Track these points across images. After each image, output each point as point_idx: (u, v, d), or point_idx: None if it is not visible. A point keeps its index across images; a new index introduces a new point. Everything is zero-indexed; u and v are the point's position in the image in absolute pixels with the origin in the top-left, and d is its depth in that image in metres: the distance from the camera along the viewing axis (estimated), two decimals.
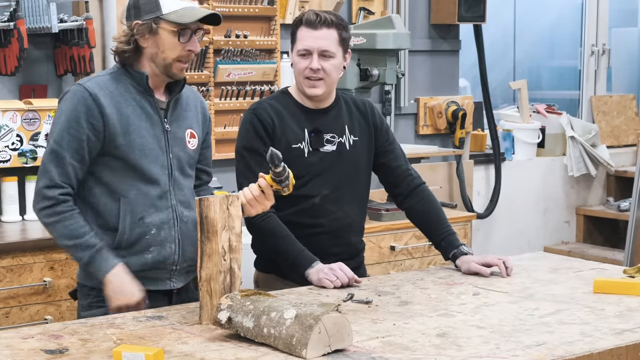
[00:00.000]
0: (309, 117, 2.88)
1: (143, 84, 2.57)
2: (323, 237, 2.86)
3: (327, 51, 2.79)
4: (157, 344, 2.12)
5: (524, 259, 3.16)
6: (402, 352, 2.07)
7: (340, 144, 2.90)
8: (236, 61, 4.41)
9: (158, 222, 2.56)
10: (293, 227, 2.80)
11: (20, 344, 2.13)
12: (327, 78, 2.82)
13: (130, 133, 2.52)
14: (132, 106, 2.55)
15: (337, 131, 2.90)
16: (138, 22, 2.54)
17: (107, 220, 2.53)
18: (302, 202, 2.84)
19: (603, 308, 2.46)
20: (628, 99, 6.26)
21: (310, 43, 2.78)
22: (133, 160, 2.52)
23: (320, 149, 2.86)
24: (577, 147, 5.75)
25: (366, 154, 2.95)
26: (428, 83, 5.16)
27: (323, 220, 2.86)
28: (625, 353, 2.14)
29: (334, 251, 2.87)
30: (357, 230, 2.97)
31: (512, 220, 5.58)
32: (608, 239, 5.94)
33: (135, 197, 2.53)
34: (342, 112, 2.93)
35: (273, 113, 2.84)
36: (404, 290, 2.67)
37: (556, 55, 6.88)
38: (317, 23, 2.78)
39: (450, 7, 5.02)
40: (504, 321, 2.33)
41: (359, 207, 2.97)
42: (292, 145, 2.83)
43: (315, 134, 2.86)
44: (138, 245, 2.55)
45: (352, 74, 4.44)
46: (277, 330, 2.05)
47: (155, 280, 2.60)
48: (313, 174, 2.85)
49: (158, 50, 2.55)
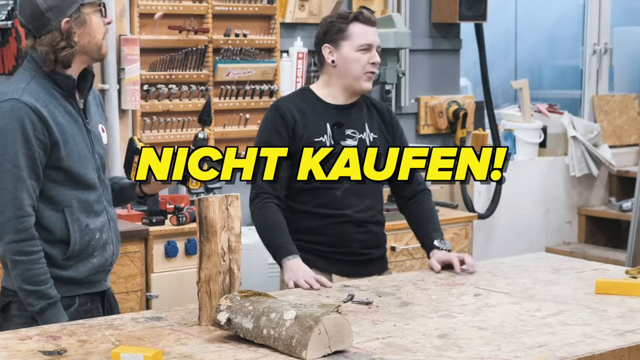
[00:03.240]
0: (331, 112, 3.00)
1: (69, 88, 2.48)
2: (347, 225, 2.98)
3: (379, 46, 3.02)
4: (156, 345, 2.12)
5: (526, 259, 3.15)
6: (402, 353, 2.06)
7: (361, 140, 3.01)
8: (235, 60, 4.40)
9: (99, 226, 2.54)
10: (316, 218, 2.95)
11: (18, 345, 2.12)
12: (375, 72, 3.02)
13: (68, 141, 2.45)
14: (61, 113, 2.46)
15: (358, 127, 3.02)
16: (67, 19, 2.44)
17: (54, 233, 2.46)
18: (324, 194, 2.96)
19: (605, 309, 2.45)
20: (630, 98, 6.24)
21: (373, 37, 2.97)
22: (75, 169, 2.47)
23: (341, 142, 2.97)
24: (579, 147, 5.73)
25: (384, 152, 3.04)
26: (429, 82, 5.15)
27: (347, 211, 2.98)
28: (628, 354, 2.13)
29: (358, 237, 3.00)
30: (380, 222, 3.09)
31: (514, 220, 5.57)
32: (610, 240, 5.92)
33: (77, 205, 2.48)
34: (362, 110, 3.06)
35: (295, 109, 2.96)
36: (405, 291, 2.66)
37: (558, 55, 6.87)
38: (372, 21, 2.99)
39: (451, 6, 5.01)
40: (506, 322, 2.32)
41: (378, 200, 3.09)
42: (314, 139, 2.94)
43: (337, 127, 2.97)
44: (85, 252, 2.51)
45: None
46: (277, 331, 2.04)
47: (96, 283, 2.58)
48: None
49: (90, 38, 2.47)
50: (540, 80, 6.87)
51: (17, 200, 2.39)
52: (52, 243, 2.46)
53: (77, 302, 2.52)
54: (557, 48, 6.89)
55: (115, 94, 4.12)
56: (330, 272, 3.00)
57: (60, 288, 2.46)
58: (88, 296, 2.55)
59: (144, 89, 4.23)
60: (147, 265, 3.81)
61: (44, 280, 2.41)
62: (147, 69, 4.23)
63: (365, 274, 2.98)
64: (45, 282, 2.41)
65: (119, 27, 4.12)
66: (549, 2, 6.83)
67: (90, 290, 2.56)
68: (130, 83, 4.11)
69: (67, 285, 2.49)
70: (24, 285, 2.41)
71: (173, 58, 4.27)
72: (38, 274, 2.41)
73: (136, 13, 4.18)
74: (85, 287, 2.53)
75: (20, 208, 2.39)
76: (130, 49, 4.11)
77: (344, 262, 3.00)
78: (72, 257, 2.49)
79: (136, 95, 4.13)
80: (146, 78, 4.21)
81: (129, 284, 3.75)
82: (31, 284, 2.41)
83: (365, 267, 3.03)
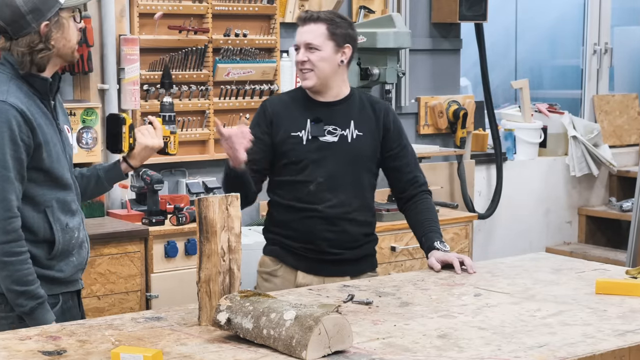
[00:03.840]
0: (314, 108, 3.04)
1: (45, 90, 2.51)
2: (317, 221, 2.98)
3: (310, 44, 2.98)
4: (156, 345, 2.11)
5: (526, 259, 3.14)
6: (402, 353, 2.06)
7: (342, 137, 3.02)
8: (235, 60, 4.39)
9: (77, 224, 2.58)
10: (291, 211, 2.99)
11: (18, 345, 2.12)
12: (316, 70, 2.99)
13: (48, 143, 2.48)
14: (39, 114, 2.49)
15: (340, 124, 3.03)
16: (47, 22, 2.46)
17: (37, 234, 2.49)
18: (299, 187, 2.99)
19: (605, 309, 2.45)
20: (630, 98, 6.24)
21: (298, 38, 3.02)
22: (54, 170, 2.50)
23: (320, 138, 3.00)
24: (579, 146, 5.73)
25: (370, 151, 3.04)
26: (429, 82, 5.15)
27: (318, 206, 2.98)
28: (628, 354, 2.13)
29: (327, 236, 2.98)
30: (359, 222, 3.04)
31: (514, 220, 5.57)
32: (610, 240, 5.92)
33: (57, 205, 2.52)
34: (351, 108, 3.06)
35: (280, 104, 3.07)
36: (405, 291, 2.66)
37: (558, 54, 6.86)
38: (305, 19, 3.00)
39: (451, 5, 5.00)
40: (506, 322, 2.32)
41: (358, 199, 3.04)
42: (292, 133, 3.00)
43: (315, 123, 3.00)
44: (66, 251, 2.55)
45: (352, 73, 4.42)
46: (277, 331, 2.04)
47: (75, 282, 2.62)
48: (309, 160, 2.98)
49: (65, 42, 2.50)
50: (541, 80, 6.87)
51: (6, 201, 2.41)
52: (35, 243, 2.48)
53: (60, 300, 2.55)
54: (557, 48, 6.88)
55: (115, 94, 4.12)
56: (296, 269, 3.01)
57: (45, 287, 2.49)
58: (69, 294, 2.59)
59: (144, 89, 4.22)
60: (147, 266, 3.81)
61: (32, 280, 2.43)
62: (147, 68, 4.23)
63: (334, 274, 2.97)
64: (34, 282, 2.44)
65: (119, 27, 4.12)
66: (549, 2, 6.83)
67: (70, 288, 2.60)
68: (130, 83, 4.11)
69: (52, 285, 2.53)
70: (13, 287, 2.42)
71: (173, 58, 4.27)
72: (27, 274, 2.43)
73: (136, 13, 4.18)
74: (67, 285, 2.57)
75: (9, 209, 2.41)
76: (130, 48, 4.10)
77: (310, 259, 2.99)
78: (56, 256, 2.52)
79: (136, 95, 4.13)
80: (146, 78, 4.21)
81: (128, 284, 3.75)
82: (20, 284, 2.42)
83: (334, 267, 2.99)
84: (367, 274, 3.06)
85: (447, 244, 3.02)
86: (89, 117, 4.00)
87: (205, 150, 4.41)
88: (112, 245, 3.71)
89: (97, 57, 4.06)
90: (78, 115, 3.96)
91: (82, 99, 4.08)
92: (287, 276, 3.01)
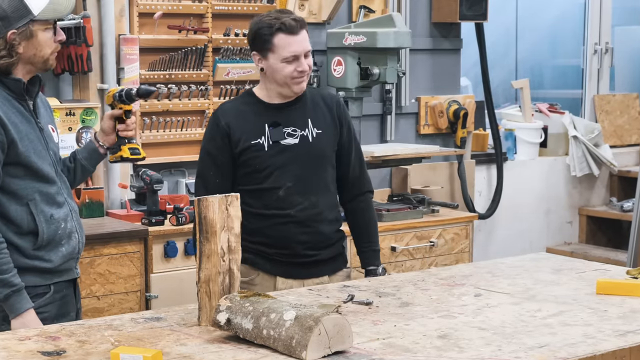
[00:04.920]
0: (270, 112, 2.98)
1: (19, 91, 2.60)
2: (291, 226, 2.95)
3: (309, 51, 2.94)
4: (156, 345, 2.11)
5: (526, 259, 3.14)
6: (403, 353, 2.06)
7: (303, 137, 2.98)
8: (235, 60, 4.39)
9: (63, 216, 2.64)
10: (262, 219, 2.94)
11: (17, 345, 2.12)
12: (308, 72, 2.96)
13: (23, 139, 2.56)
14: (14, 113, 2.58)
15: (298, 125, 2.98)
16: (13, 31, 2.54)
17: (21, 226, 2.57)
18: (267, 194, 2.94)
19: (606, 309, 2.44)
20: (631, 98, 6.23)
21: (297, 48, 2.90)
22: (33, 164, 2.58)
23: (281, 141, 2.95)
24: (580, 146, 5.72)
25: (331, 147, 3.03)
26: (429, 82, 5.14)
27: (290, 211, 2.95)
28: (629, 355, 2.12)
29: (302, 239, 2.96)
30: (330, 221, 3.03)
31: (514, 220, 5.56)
32: (611, 240, 5.91)
33: (40, 198, 2.59)
34: (305, 106, 3.02)
35: (232, 114, 2.97)
36: (405, 291, 2.65)
37: (559, 54, 6.86)
38: (297, 28, 2.89)
39: (451, 5, 5.00)
40: (506, 322, 2.31)
41: (328, 197, 3.03)
42: (252, 141, 2.94)
43: (273, 127, 2.95)
44: (54, 242, 2.62)
45: (352, 73, 4.42)
46: (277, 331, 2.03)
47: (68, 271, 2.69)
48: (275, 166, 2.94)
49: (36, 51, 2.58)
50: (541, 79, 6.87)
51: None
52: (20, 235, 2.57)
53: (52, 290, 2.62)
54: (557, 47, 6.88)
55: None
56: (274, 275, 2.97)
57: (35, 277, 2.58)
58: (63, 283, 2.66)
59: None
60: (146, 266, 3.80)
61: (7, 269, 2.50)
62: (147, 68, 4.22)
63: (312, 276, 2.97)
64: (9, 271, 2.50)
65: (118, 26, 4.11)
66: (549, 2, 6.83)
67: (64, 278, 2.67)
68: (130, 83, 4.10)
69: (42, 274, 2.60)
70: None
71: (172, 58, 4.27)
72: (2, 263, 2.49)
73: (135, 12, 4.17)
74: (58, 275, 2.64)
75: None
76: (129, 48, 4.10)
77: (287, 264, 2.96)
78: (42, 246, 2.59)
79: None
80: (145, 78, 4.20)
81: (128, 284, 3.74)
82: None
83: (312, 269, 2.98)
84: (343, 270, 3.08)
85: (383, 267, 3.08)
86: (88, 117, 4.00)
87: None
88: (112, 246, 3.71)
89: (97, 56, 4.05)
90: (77, 115, 3.96)
91: (82, 99, 4.08)
92: (265, 283, 2.96)
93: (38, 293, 2.58)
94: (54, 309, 2.61)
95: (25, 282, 2.54)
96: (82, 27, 3.90)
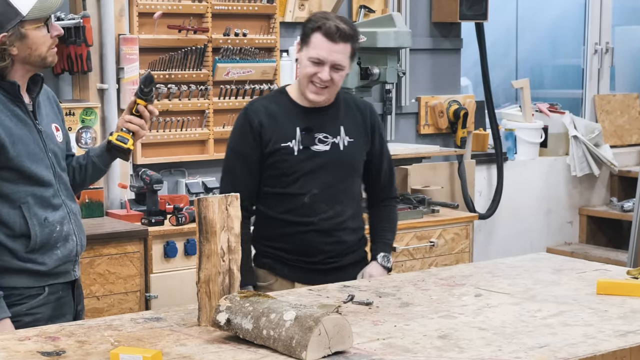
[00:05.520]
0: (303, 115, 2.92)
1: (15, 93, 2.58)
2: (313, 234, 2.91)
3: (340, 65, 2.84)
4: (155, 346, 2.11)
5: (527, 259, 3.14)
6: (403, 354, 2.05)
7: (334, 145, 2.93)
8: (235, 60, 4.39)
9: (59, 219, 2.62)
10: (284, 225, 2.89)
11: (16, 345, 2.11)
12: (333, 87, 2.88)
13: (16, 143, 2.54)
14: (8, 117, 2.55)
15: (331, 131, 2.93)
16: (4, 34, 2.52)
17: (14, 228, 2.55)
18: (292, 200, 2.89)
19: (606, 309, 2.44)
20: (632, 98, 6.23)
21: (326, 55, 2.82)
22: (26, 168, 2.55)
23: (312, 147, 2.90)
24: (580, 146, 5.72)
25: (361, 156, 2.99)
26: (429, 82, 5.14)
27: (313, 218, 2.91)
28: (629, 355, 2.12)
29: (325, 248, 2.93)
30: (353, 230, 3.00)
31: (515, 220, 5.56)
32: (611, 240, 5.91)
33: (33, 201, 2.57)
34: (339, 113, 2.96)
35: (264, 113, 2.90)
36: (405, 291, 2.65)
37: (559, 54, 6.86)
38: (337, 37, 2.81)
39: (451, 5, 5.00)
40: (506, 323, 2.31)
41: (353, 207, 2.99)
42: (282, 143, 2.88)
43: (306, 132, 2.90)
44: (48, 244, 2.60)
45: (352, 73, 4.41)
46: (277, 332, 2.03)
47: (65, 274, 2.66)
48: (302, 172, 2.89)
49: (31, 51, 2.56)
50: (541, 79, 6.87)
51: None
52: (13, 238, 2.55)
53: (46, 291, 2.60)
54: (558, 47, 6.88)
55: (114, 94, 4.11)
56: (293, 281, 2.95)
57: (27, 279, 2.56)
58: (59, 285, 2.64)
59: None
60: (146, 266, 3.80)
61: None
62: (147, 68, 4.22)
63: (331, 281, 2.91)
64: None
65: (118, 26, 4.11)
66: (550, 1, 6.82)
67: (60, 280, 2.64)
68: (130, 82, 4.10)
69: (35, 277, 2.58)
70: None
71: (172, 57, 4.26)
72: None
73: (135, 12, 4.17)
74: (53, 277, 2.62)
75: None
76: (129, 48, 4.10)
77: (307, 270, 2.94)
78: (35, 249, 2.57)
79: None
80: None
81: (128, 285, 3.74)
82: None
83: (332, 275, 2.93)
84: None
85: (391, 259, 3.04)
86: (88, 116, 4.00)
87: (204, 150, 4.40)
88: (112, 246, 3.70)
89: (96, 56, 4.05)
90: (77, 115, 3.96)
91: (81, 99, 4.08)
92: (284, 289, 2.92)
93: (31, 294, 2.56)
94: (48, 310, 2.59)
95: (17, 283, 2.53)
96: (82, 27, 3.90)
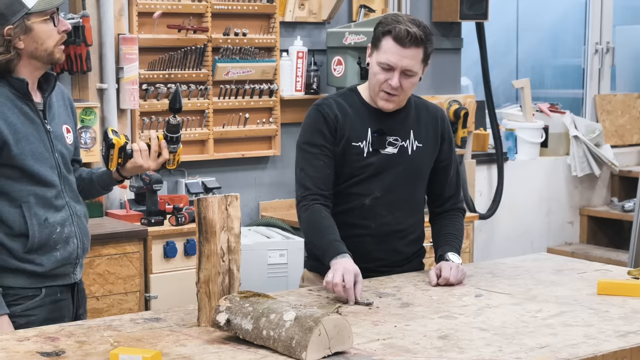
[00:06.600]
0: (375, 117, 2.83)
1: (23, 90, 2.55)
2: (368, 240, 2.82)
3: (410, 71, 2.73)
4: (155, 346, 2.11)
5: (527, 260, 3.13)
6: (403, 354, 2.05)
7: (402, 148, 2.84)
8: (235, 59, 4.38)
9: (60, 220, 2.59)
10: (340, 226, 2.75)
11: (16, 346, 2.11)
12: (403, 95, 2.78)
13: (20, 141, 2.52)
14: (15, 114, 2.53)
15: (401, 135, 2.85)
16: (10, 27, 2.50)
17: (13, 227, 2.53)
18: (352, 200, 2.81)
19: (607, 310, 2.44)
20: (632, 97, 6.23)
21: (396, 60, 2.72)
22: (28, 167, 2.53)
23: (381, 150, 2.82)
24: (581, 146, 5.72)
25: (428, 162, 2.89)
26: (429, 81, 5.14)
27: (371, 222, 2.82)
28: (630, 355, 2.12)
29: (379, 256, 2.84)
30: (411, 240, 2.90)
31: (515, 220, 5.56)
32: (612, 240, 5.91)
33: (35, 201, 2.55)
34: (410, 117, 2.88)
35: (338, 110, 2.81)
36: (405, 291, 2.65)
37: (559, 54, 6.86)
38: (407, 41, 2.70)
39: (452, 4, 4.99)
40: (507, 323, 2.31)
41: (414, 215, 2.89)
42: (353, 143, 2.80)
43: (378, 135, 2.82)
44: (47, 246, 2.57)
45: (352, 72, 4.42)
46: (277, 332, 2.02)
47: (64, 276, 2.63)
48: (368, 174, 2.80)
49: (37, 45, 2.53)
50: (542, 79, 6.87)
51: None
52: (12, 237, 2.53)
53: (43, 293, 2.57)
54: (558, 47, 6.88)
55: (114, 94, 4.11)
56: None
57: (24, 280, 2.53)
58: (57, 288, 2.61)
59: (143, 89, 4.21)
60: (146, 266, 3.80)
61: None
62: (146, 68, 4.21)
63: None
64: None
65: (118, 26, 4.11)
66: (550, 1, 6.82)
67: (58, 282, 2.61)
68: (129, 82, 4.10)
69: (32, 278, 2.55)
70: None
71: (172, 57, 4.26)
72: None
73: (135, 12, 4.16)
74: (51, 279, 2.59)
75: None
76: (128, 48, 4.09)
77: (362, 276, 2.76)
78: (33, 250, 2.54)
79: (135, 95, 4.12)
80: (145, 77, 4.20)
81: (127, 285, 3.74)
82: None
83: None
84: None
85: (460, 257, 2.86)
86: (87, 116, 3.99)
87: (204, 150, 4.40)
88: (111, 246, 3.70)
89: (96, 56, 4.05)
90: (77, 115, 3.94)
91: (81, 99, 4.07)
92: None
93: (27, 295, 2.54)
94: (43, 312, 2.56)
95: (14, 283, 2.52)
96: (81, 27, 3.90)
